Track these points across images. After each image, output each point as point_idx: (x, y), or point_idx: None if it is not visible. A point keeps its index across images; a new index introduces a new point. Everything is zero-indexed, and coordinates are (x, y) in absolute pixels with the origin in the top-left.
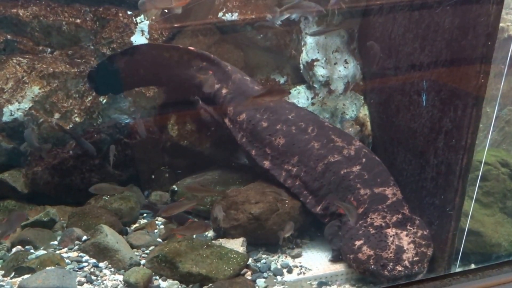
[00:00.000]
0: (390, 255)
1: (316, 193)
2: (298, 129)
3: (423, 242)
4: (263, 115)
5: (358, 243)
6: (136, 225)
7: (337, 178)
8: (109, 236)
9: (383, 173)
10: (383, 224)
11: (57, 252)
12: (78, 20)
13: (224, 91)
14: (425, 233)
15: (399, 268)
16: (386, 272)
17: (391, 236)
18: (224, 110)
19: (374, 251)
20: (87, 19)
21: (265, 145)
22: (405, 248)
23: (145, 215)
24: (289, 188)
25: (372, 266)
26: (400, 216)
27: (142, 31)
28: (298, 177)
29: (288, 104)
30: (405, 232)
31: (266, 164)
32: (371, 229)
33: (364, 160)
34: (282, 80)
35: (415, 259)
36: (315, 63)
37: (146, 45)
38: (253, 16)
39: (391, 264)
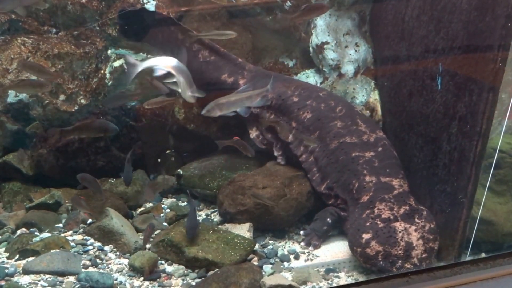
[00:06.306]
0: (400, 252)
1: (323, 169)
2: (327, 106)
3: (431, 237)
4: (294, 92)
5: (366, 236)
6: (142, 208)
7: (346, 159)
8: (114, 219)
9: (395, 166)
10: (391, 216)
11: (62, 235)
12: (83, 0)
13: (241, 81)
14: (432, 226)
15: (408, 265)
16: (394, 270)
17: (400, 232)
18: None
19: (383, 247)
20: None
21: (292, 119)
22: (414, 245)
23: None
24: (302, 162)
25: (381, 263)
26: (407, 207)
27: None
28: (313, 152)
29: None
30: (413, 227)
31: (290, 137)
32: (379, 222)
33: (380, 149)
34: (291, 64)
35: (423, 256)
36: (325, 46)
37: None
38: None
39: (400, 261)
